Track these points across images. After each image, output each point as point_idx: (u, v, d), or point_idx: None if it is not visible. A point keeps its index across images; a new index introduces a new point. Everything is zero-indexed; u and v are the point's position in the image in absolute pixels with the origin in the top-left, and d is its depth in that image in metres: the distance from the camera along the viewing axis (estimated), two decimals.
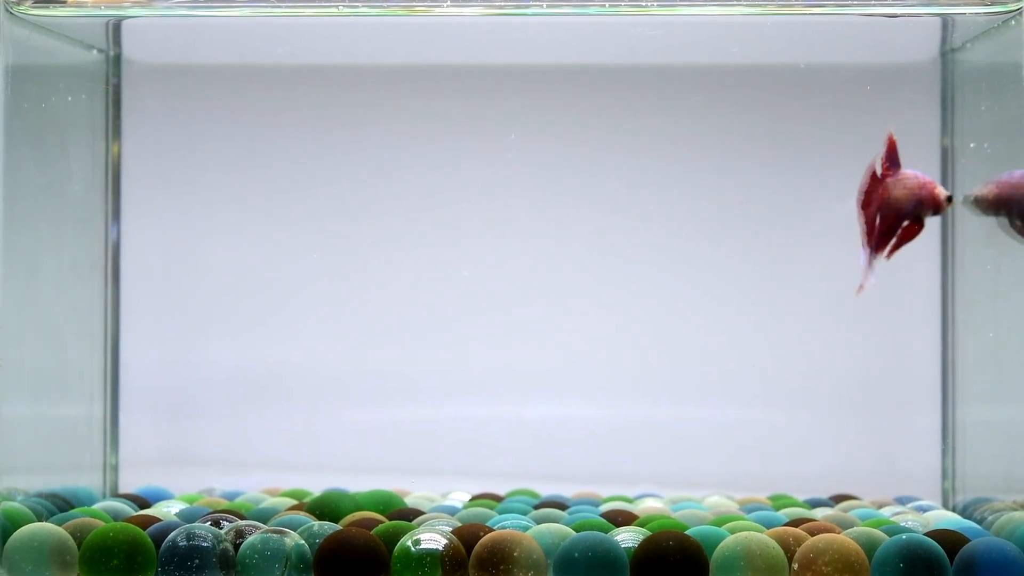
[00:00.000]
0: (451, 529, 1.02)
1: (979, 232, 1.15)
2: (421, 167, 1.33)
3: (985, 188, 1.06)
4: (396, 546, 1.00)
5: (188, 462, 1.36)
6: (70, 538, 1.01)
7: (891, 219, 1.07)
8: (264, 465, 1.35)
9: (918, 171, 1.07)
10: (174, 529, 1.01)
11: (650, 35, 1.21)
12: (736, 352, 1.33)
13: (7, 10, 1.09)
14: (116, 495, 1.25)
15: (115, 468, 1.28)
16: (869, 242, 1.07)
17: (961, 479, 1.23)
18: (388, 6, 1.11)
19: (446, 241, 1.33)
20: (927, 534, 1.01)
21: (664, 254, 1.33)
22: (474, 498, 1.23)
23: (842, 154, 1.28)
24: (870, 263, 1.07)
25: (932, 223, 1.22)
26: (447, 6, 1.11)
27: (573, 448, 1.33)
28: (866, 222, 1.07)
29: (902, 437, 1.32)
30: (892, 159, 1.06)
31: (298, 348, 1.35)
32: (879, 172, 1.06)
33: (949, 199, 1.07)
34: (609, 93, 1.33)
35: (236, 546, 1.00)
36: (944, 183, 1.24)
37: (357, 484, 1.21)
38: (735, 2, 1.09)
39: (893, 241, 1.07)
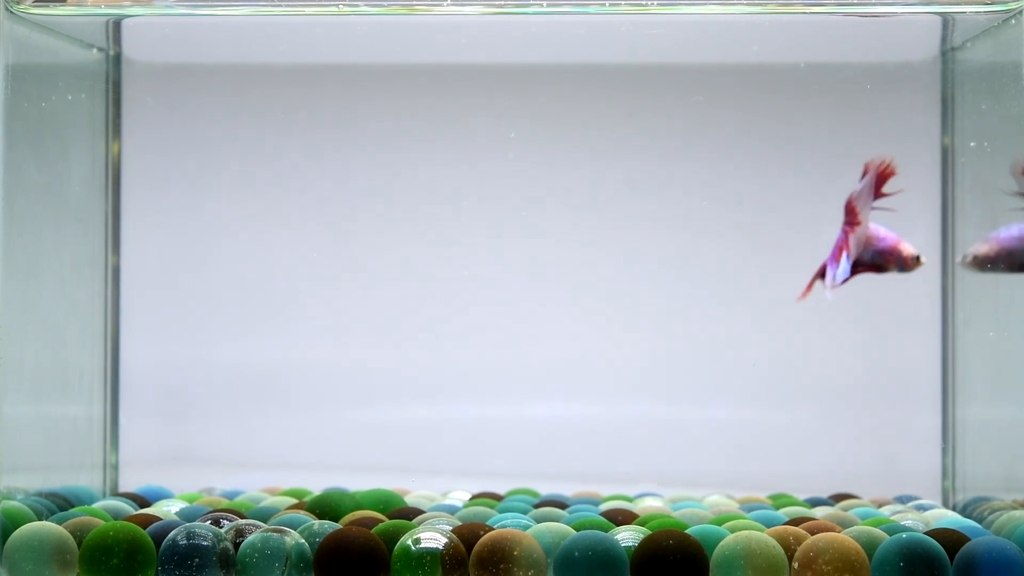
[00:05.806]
0: (451, 528, 1.02)
1: (979, 232, 1.15)
2: (421, 167, 1.33)
3: (985, 245, 1.06)
4: (396, 545, 1.00)
5: (188, 461, 1.36)
6: (70, 537, 1.01)
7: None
8: (264, 464, 1.35)
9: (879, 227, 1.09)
10: (174, 528, 1.01)
11: (650, 35, 1.21)
12: (736, 351, 1.33)
13: (7, 9, 1.09)
14: (116, 494, 1.25)
15: (115, 467, 1.28)
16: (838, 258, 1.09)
17: (961, 478, 1.23)
18: (388, 5, 1.11)
19: (446, 241, 1.33)
20: (927, 533, 1.00)
21: (664, 253, 1.34)
22: (474, 497, 1.23)
23: (842, 154, 1.28)
24: (840, 280, 1.08)
25: (932, 222, 1.23)
26: (447, 6, 1.10)
27: (573, 447, 1.33)
28: (854, 242, 1.08)
29: (902, 437, 1.32)
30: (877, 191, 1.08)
31: (298, 348, 1.35)
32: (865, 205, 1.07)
33: (918, 259, 1.09)
34: (609, 93, 1.33)
35: (236, 545, 1.00)
36: (944, 182, 1.24)
37: (357, 483, 1.21)
38: (735, 2, 1.09)
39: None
